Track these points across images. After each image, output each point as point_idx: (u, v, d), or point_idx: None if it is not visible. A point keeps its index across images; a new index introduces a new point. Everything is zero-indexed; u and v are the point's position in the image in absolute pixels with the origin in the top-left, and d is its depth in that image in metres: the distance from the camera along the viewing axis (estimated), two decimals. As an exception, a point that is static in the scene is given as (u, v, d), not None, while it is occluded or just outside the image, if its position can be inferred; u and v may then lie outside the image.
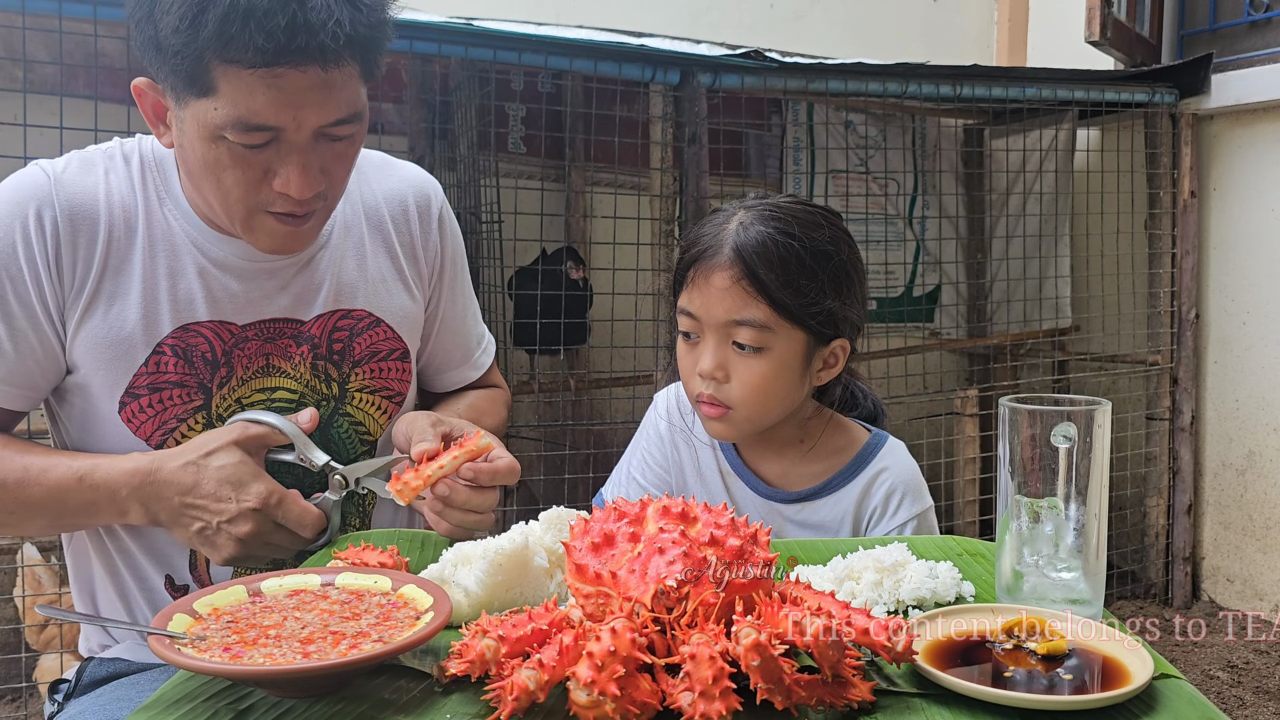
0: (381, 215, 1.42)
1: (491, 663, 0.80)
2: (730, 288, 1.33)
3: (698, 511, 0.91)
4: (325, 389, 1.35)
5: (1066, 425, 1.02)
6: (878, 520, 1.42)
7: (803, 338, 1.36)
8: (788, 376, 1.36)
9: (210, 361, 1.28)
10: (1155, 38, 3.51)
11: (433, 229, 1.46)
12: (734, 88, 2.80)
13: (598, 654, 0.76)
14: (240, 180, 1.16)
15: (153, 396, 1.26)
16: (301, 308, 1.34)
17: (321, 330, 1.35)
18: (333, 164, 1.19)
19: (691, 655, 0.76)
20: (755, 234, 1.33)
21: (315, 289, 1.34)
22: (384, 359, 1.39)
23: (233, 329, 1.30)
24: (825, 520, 1.43)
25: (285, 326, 1.33)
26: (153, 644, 0.85)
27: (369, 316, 1.38)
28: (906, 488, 1.42)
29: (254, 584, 1.01)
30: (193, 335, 1.27)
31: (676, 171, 2.79)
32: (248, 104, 1.10)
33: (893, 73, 2.97)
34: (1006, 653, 0.90)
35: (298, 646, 0.87)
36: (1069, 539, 1.03)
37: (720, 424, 1.39)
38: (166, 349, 1.26)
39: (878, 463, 1.44)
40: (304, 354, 1.34)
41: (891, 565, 1.08)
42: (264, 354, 1.31)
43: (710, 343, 1.35)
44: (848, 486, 1.43)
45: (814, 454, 1.46)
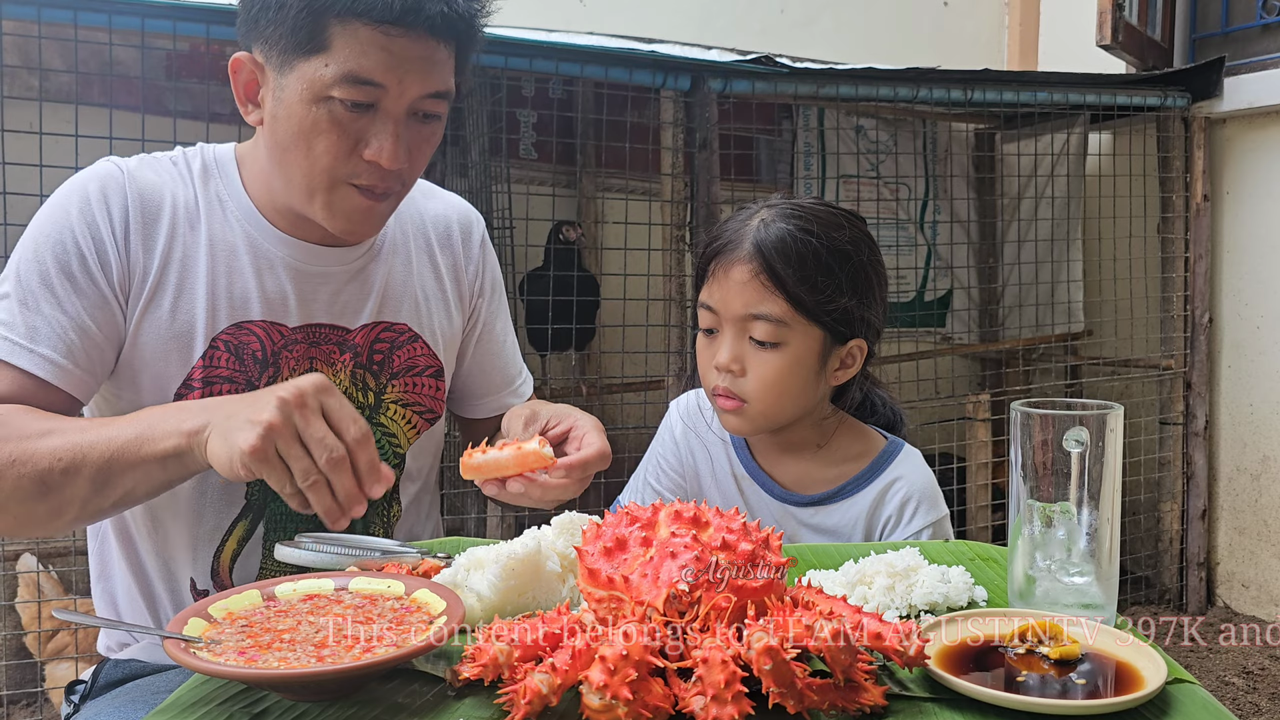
0: (427, 234, 1.47)
1: (504, 666, 0.81)
2: (748, 281, 1.35)
3: (709, 516, 0.91)
4: (361, 397, 1.38)
5: (1079, 430, 1.02)
6: (892, 528, 1.42)
7: (819, 335, 1.37)
8: (802, 373, 1.37)
9: (260, 360, 1.31)
10: (1167, 41, 3.51)
11: (474, 252, 1.51)
12: (745, 93, 2.81)
13: (610, 658, 0.76)
14: (332, 146, 1.20)
15: (205, 391, 1.28)
16: (349, 315, 1.37)
17: (365, 340, 1.38)
18: (416, 146, 1.24)
19: (704, 659, 0.76)
20: (776, 230, 1.36)
21: (364, 298, 1.38)
22: (419, 374, 1.42)
23: (283, 330, 1.33)
24: (839, 525, 1.43)
25: (331, 333, 1.36)
26: (168, 648, 0.86)
27: (409, 331, 1.41)
28: (922, 496, 1.42)
29: (268, 588, 1.01)
30: (245, 333, 1.31)
31: (687, 177, 2.80)
32: (359, 60, 1.16)
33: (903, 78, 2.97)
34: (1019, 657, 0.90)
35: (312, 650, 0.87)
36: (1081, 544, 1.03)
37: (735, 418, 1.40)
38: (221, 344, 1.29)
39: (893, 470, 1.44)
40: (346, 361, 1.36)
41: (903, 570, 1.08)
42: (309, 358, 1.34)
43: (728, 336, 1.37)
44: (862, 492, 1.44)
45: (830, 458, 1.46)
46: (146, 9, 2.25)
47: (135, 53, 2.39)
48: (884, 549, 1.16)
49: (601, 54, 2.63)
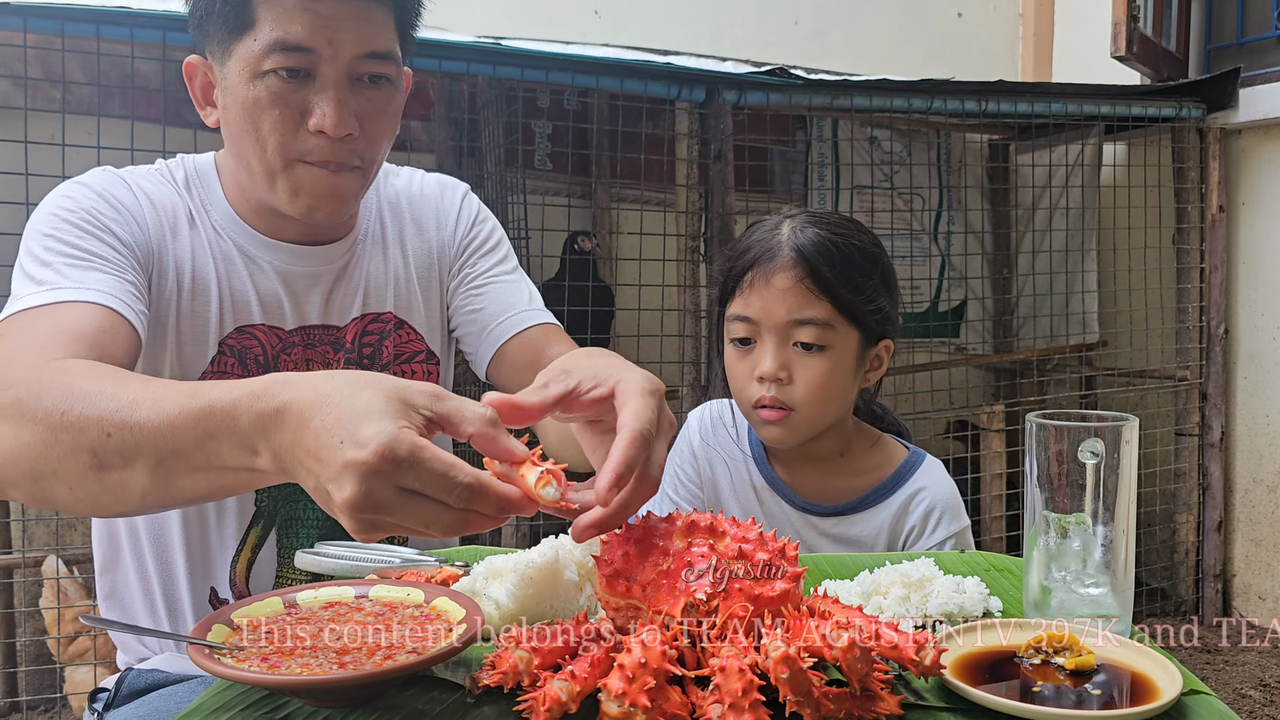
0: (401, 212, 1.44)
1: (524, 674, 0.81)
2: (792, 288, 1.36)
3: (726, 525, 0.92)
4: None
5: (1094, 441, 1.02)
6: (915, 538, 1.42)
7: (857, 337, 1.40)
8: (845, 376, 1.39)
9: (261, 365, 1.31)
10: (1182, 52, 3.50)
11: (451, 216, 1.47)
12: (759, 104, 2.82)
13: (629, 666, 0.76)
14: (277, 123, 1.19)
15: None
16: (339, 314, 1.37)
17: (354, 335, 1.37)
18: (368, 114, 1.22)
19: (721, 668, 0.77)
20: (812, 235, 1.37)
21: (351, 294, 1.37)
22: (408, 361, 1.41)
23: (280, 333, 1.33)
24: (861, 535, 1.44)
25: (325, 333, 1.36)
26: (192, 653, 0.87)
27: (394, 319, 1.40)
28: (945, 506, 1.43)
29: (289, 595, 1.02)
30: (247, 337, 1.31)
31: (702, 188, 2.81)
32: (285, 26, 1.15)
33: (918, 89, 2.97)
34: (1034, 668, 0.90)
35: (334, 657, 0.88)
36: (1097, 555, 1.03)
37: (779, 428, 1.40)
38: (226, 348, 1.30)
39: (916, 480, 1.45)
40: (339, 361, 1.36)
41: (919, 580, 1.08)
42: (306, 360, 1.34)
43: (770, 345, 1.38)
44: (885, 502, 1.44)
45: (852, 468, 1.47)
46: (168, 22, 2.27)
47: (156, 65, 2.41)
48: (899, 559, 1.17)
49: (617, 66, 2.65)
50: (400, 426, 0.73)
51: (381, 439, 0.72)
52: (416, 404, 0.77)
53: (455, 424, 0.78)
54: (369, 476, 0.72)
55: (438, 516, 0.75)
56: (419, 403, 0.77)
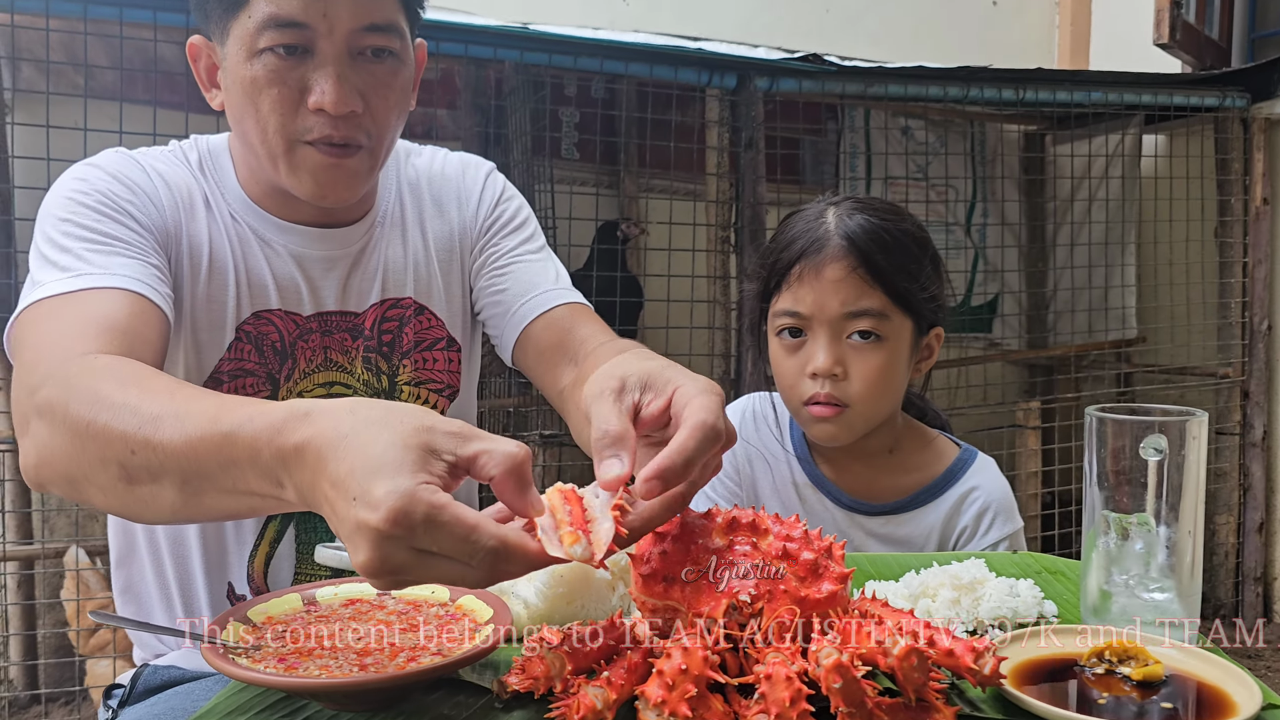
0: (420, 195, 1.40)
1: (555, 679, 0.77)
2: (845, 278, 1.31)
3: (768, 523, 0.87)
4: (377, 383, 1.33)
5: (1157, 438, 0.97)
6: (968, 540, 1.37)
7: (910, 326, 1.35)
8: (900, 367, 1.35)
9: (279, 351, 1.28)
10: (1225, 40, 3.42)
11: (474, 195, 1.42)
12: (791, 92, 2.76)
13: (668, 672, 0.72)
14: (277, 102, 1.15)
15: (233, 384, 1.25)
16: (358, 299, 1.33)
17: (374, 321, 1.33)
18: (371, 90, 1.18)
19: (767, 675, 0.73)
20: (861, 222, 1.32)
21: (369, 279, 1.33)
22: (429, 349, 1.36)
23: (298, 319, 1.29)
24: (910, 536, 1.39)
25: (342, 320, 1.32)
26: (206, 654, 0.83)
27: (414, 304, 1.36)
28: (999, 507, 1.38)
29: (309, 592, 0.98)
30: (264, 323, 1.27)
31: (733, 176, 2.75)
32: (278, 2, 1.12)
33: (954, 77, 2.90)
34: (1097, 678, 0.85)
35: (354, 658, 0.84)
36: (1161, 557, 0.98)
37: (833, 425, 1.35)
38: (244, 334, 1.26)
39: (969, 479, 1.40)
40: (359, 348, 1.32)
41: (969, 583, 1.03)
42: (324, 347, 1.30)
43: (823, 339, 1.33)
44: (936, 502, 1.39)
45: (901, 465, 1.42)
46: (191, 5, 2.24)
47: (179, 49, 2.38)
48: (948, 559, 1.11)
49: (647, 51, 2.60)
50: (418, 483, 0.67)
51: (394, 501, 0.66)
52: (439, 448, 0.70)
53: (479, 468, 0.72)
54: (382, 541, 0.67)
55: (462, 576, 0.70)
56: (442, 447, 0.71)
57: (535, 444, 2.77)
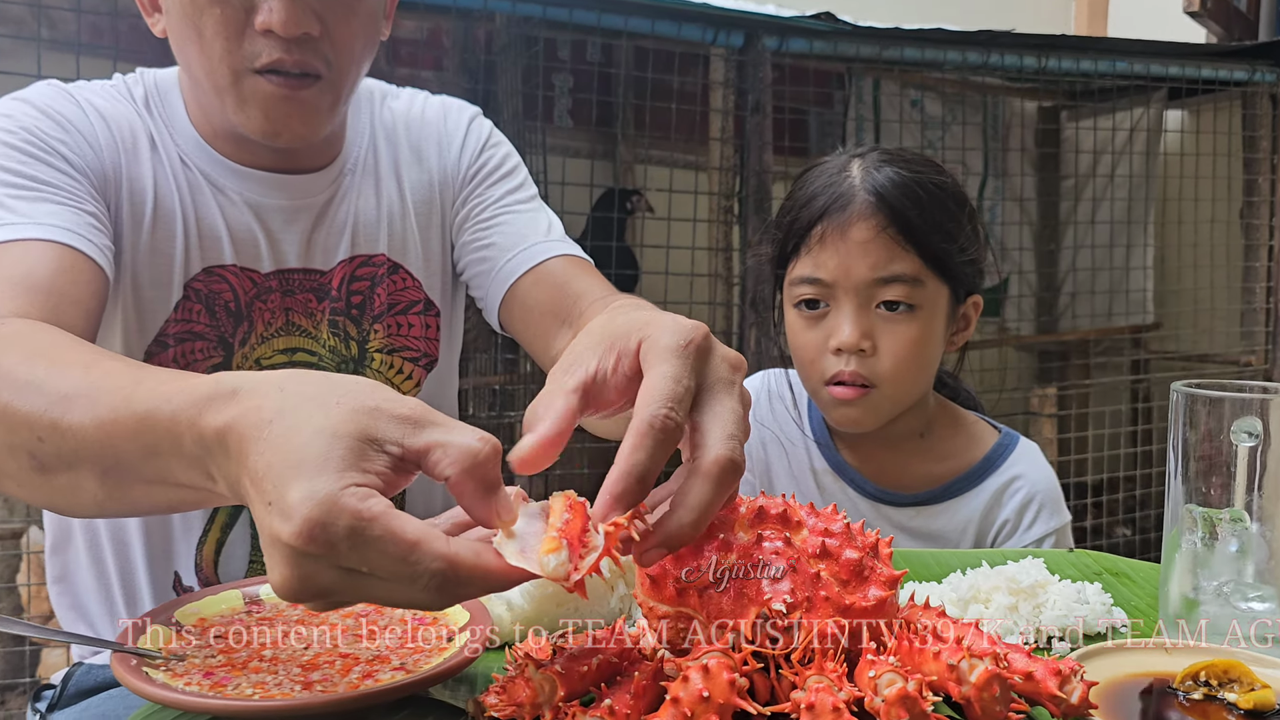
0: (398, 138, 1.25)
1: (545, 706, 0.62)
2: (873, 239, 1.16)
3: (802, 514, 0.73)
4: (345, 349, 1.19)
5: (1250, 420, 0.83)
6: (1009, 534, 1.22)
7: (947, 293, 1.20)
8: (935, 341, 1.21)
9: (233, 313, 1.14)
10: (1252, 12, 3.28)
11: (456, 140, 1.26)
12: (802, 52, 2.59)
13: (686, 700, 0.58)
14: (220, 24, 1.00)
15: (179, 349, 1.12)
16: (323, 256, 1.18)
17: (341, 281, 1.19)
18: (330, 9, 1.03)
19: (809, 705, 0.59)
20: (890, 175, 1.17)
21: (337, 233, 1.19)
22: (403, 312, 1.22)
23: (255, 277, 1.15)
24: (944, 529, 1.24)
25: (306, 278, 1.17)
26: (115, 665, 0.68)
27: (388, 262, 1.21)
28: (1045, 498, 1.23)
29: (253, 588, 0.83)
30: (216, 280, 1.13)
31: (737, 142, 2.59)
32: None
33: (974, 41, 2.74)
34: (1194, 704, 0.72)
35: (298, 673, 0.69)
36: (1259, 559, 0.83)
37: (856, 408, 1.20)
38: (192, 293, 1.12)
39: (1010, 467, 1.25)
40: (324, 310, 1.18)
41: (1029, 586, 0.89)
42: (285, 309, 1.16)
43: (848, 309, 1.17)
44: (973, 492, 1.24)
45: (933, 451, 1.27)
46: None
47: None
48: (1001, 559, 0.96)
49: (648, 6, 2.44)
50: (343, 486, 0.53)
51: (309, 510, 0.52)
52: (381, 437, 0.56)
53: (432, 464, 0.57)
54: (298, 560, 0.53)
55: (407, 599, 0.56)
56: (385, 435, 0.56)
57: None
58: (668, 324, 0.64)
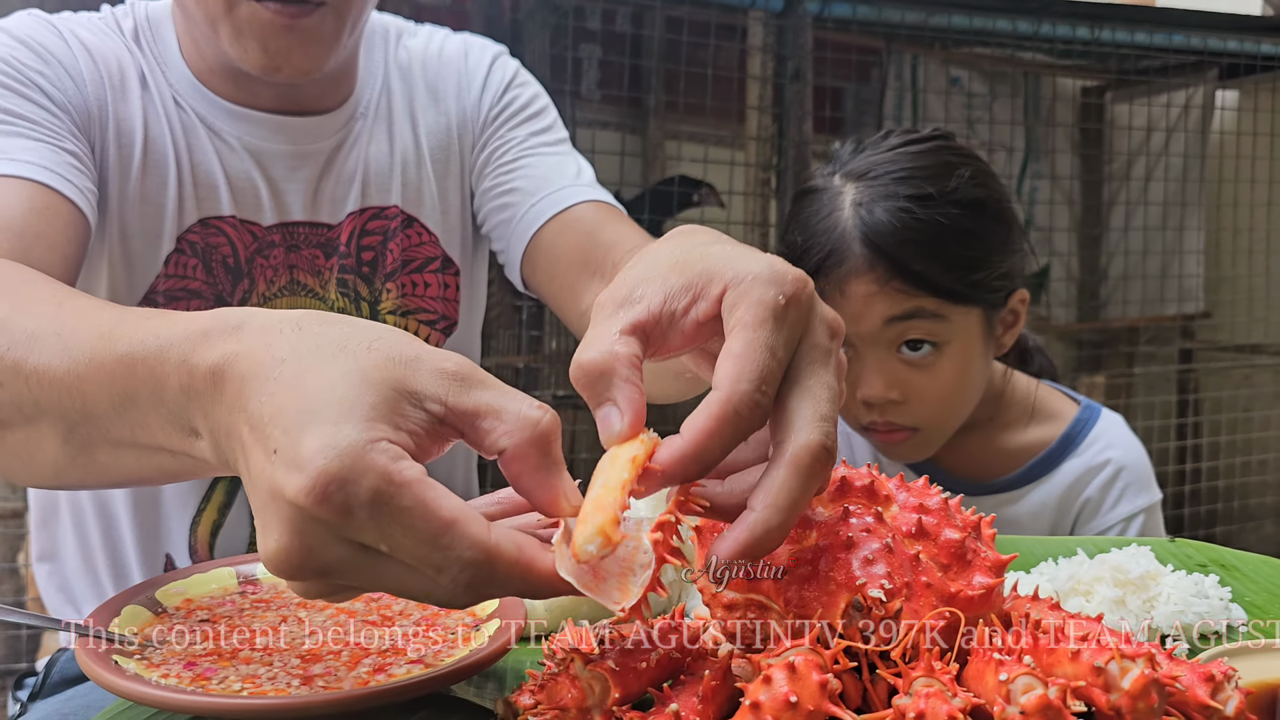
0: (414, 79, 1.14)
1: (596, 709, 0.51)
2: (876, 293, 1.05)
3: (890, 488, 0.62)
4: (355, 311, 1.08)
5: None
6: (1092, 514, 1.12)
7: (978, 314, 1.10)
8: (976, 366, 1.10)
9: (232, 269, 1.04)
10: (1314, -14, 3.13)
11: (478, 80, 1.15)
12: (845, 18, 2.47)
13: (768, 706, 0.48)
14: None
15: (172, 309, 1.00)
16: (331, 209, 1.08)
17: (351, 235, 1.08)
18: None
19: (918, 713, 0.48)
20: (884, 212, 1.04)
21: (346, 183, 1.08)
22: (419, 269, 1.11)
23: (255, 230, 1.05)
24: (1024, 517, 1.13)
25: (312, 233, 1.07)
26: (79, 653, 0.57)
27: (401, 215, 1.10)
28: (1133, 474, 1.12)
29: (248, 566, 0.73)
30: (213, 232, 1.03)
31: (776, 110, 2.47)
32: None
33: (1023, 10, 2.61)
34: (1356, 718, 0.59)
35: (296, 666, 0.59)
36: None
37: (905, 447, 1.12)
38: (187, 246, 1.03)
39: (1093, 441, 1.15)
40: (332, 268, 1.08)
41: (1139, 578, 0.78)
42: (289, 266, 1.06)
43: (869, 360, 1.07)
44: (1055, 472, 1.14)
45: (1008, 432, 1.17)
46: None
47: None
48: (1106, 546, 0.85)
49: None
50: (371, 439, 0.43)
51: (327, 461, 0.42)
52: (423, 392, 0.46)
53: (482, 433, 0.47)
54: (304, 524, 0.43)
55: (424, 591, 0.46)
56: (428, 390, 0.46)
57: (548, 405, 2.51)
58: (761, 270, 0.50)
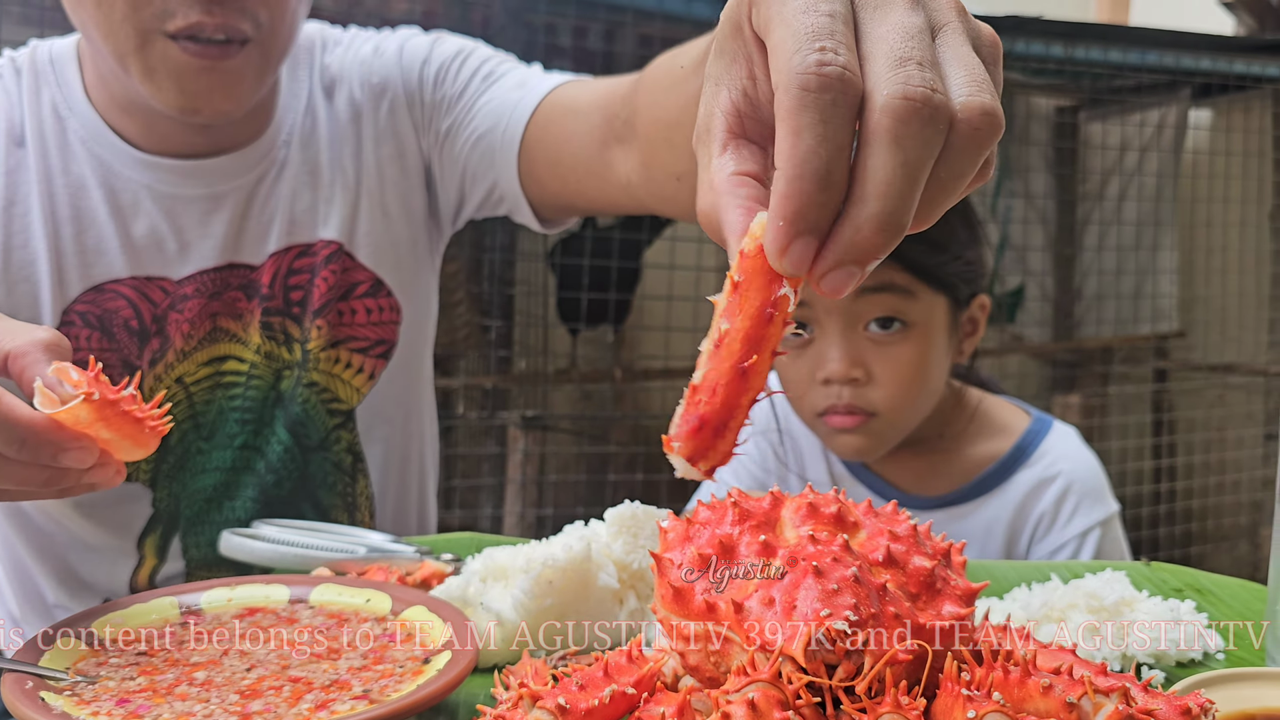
0: (352, 94, 1.07)
1: (544, 752, 0.48)
2: None
3: (858, 514, 0.60)
4: (285, 353, 1.04)
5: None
6: (1046, 530, 1.11)
7: (945, 303, 1.10)
8: (936, 357, 1.10)
9: (136, 331, 0.99)
10: (1281, 7, 3.16)
11: (415, 68, 1.08)
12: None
13: None
14: None
15: None
16: (252, 247, 1.03)
17: (274, 275, 1.03)
18: None
19: None
20: None
21: (268, 220, 1.03)
22: (343, 298, 1.05)
23: (165, 286, 1.00)
24: (976, 532, 1.12)
25: (232, 275, 1.02)
26: (6, 690, 0.54)
27: (330, 245, 1.04)
28: (1085, 486, 1.11)
29: (192, 595, 0.70)
30: (109, 297, 0.98)
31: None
32: None
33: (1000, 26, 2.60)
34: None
35: (235, 702, 0.56)
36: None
37: (858, 436, 1.10)
38: (77, 317, 0.97)
39: (1044, 454, 1.14)
40: (255, 311, 1.03)
41: (1114, 604, 0.76)
42: (209, 314, 1.01)
43: (834, 334, 1.06)
44: (1005, 486, 1.14)
45: (958, 445, 1.16)
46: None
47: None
48: (1080, 571, 0.83)
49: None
50: None
51: None
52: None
53: None
54: None
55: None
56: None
57: (517, 427, 2.48)
58: None
